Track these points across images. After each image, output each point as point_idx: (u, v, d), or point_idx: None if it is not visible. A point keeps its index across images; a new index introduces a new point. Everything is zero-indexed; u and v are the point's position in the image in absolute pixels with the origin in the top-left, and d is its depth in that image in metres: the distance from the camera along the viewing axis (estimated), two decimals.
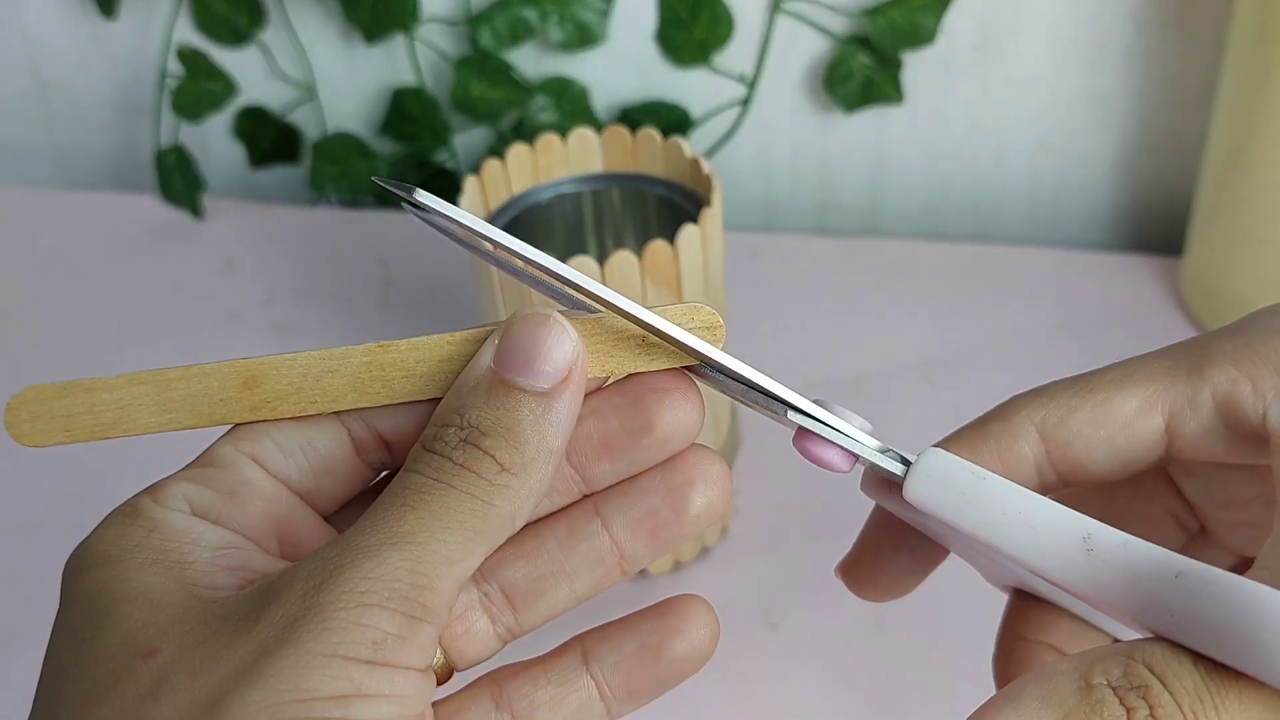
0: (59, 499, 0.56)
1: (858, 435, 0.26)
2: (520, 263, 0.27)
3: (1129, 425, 0.26)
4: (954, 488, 0.25)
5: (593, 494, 0.27)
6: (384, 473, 0.28)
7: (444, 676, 0.27)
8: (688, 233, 0.42)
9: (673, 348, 0.26)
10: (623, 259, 0.41)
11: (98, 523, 0.26)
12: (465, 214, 0.26)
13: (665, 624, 0.27)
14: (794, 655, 0.47)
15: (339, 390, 0.26)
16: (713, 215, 0.44)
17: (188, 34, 0.73)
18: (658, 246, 0.42)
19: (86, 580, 0.24)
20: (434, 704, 0.26)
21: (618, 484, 0.27)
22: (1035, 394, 0.28)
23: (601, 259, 0.42)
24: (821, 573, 0.50)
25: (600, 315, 0.26)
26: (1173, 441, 0.26)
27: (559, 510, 0.27)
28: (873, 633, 0.48)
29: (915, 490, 0.25)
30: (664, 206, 0.49)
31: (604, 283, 0.41)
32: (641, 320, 0.25)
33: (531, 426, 0.24)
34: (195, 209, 0.73)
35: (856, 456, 0.26)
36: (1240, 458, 0.26)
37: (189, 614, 0.23)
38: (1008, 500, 0.25)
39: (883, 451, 0.26)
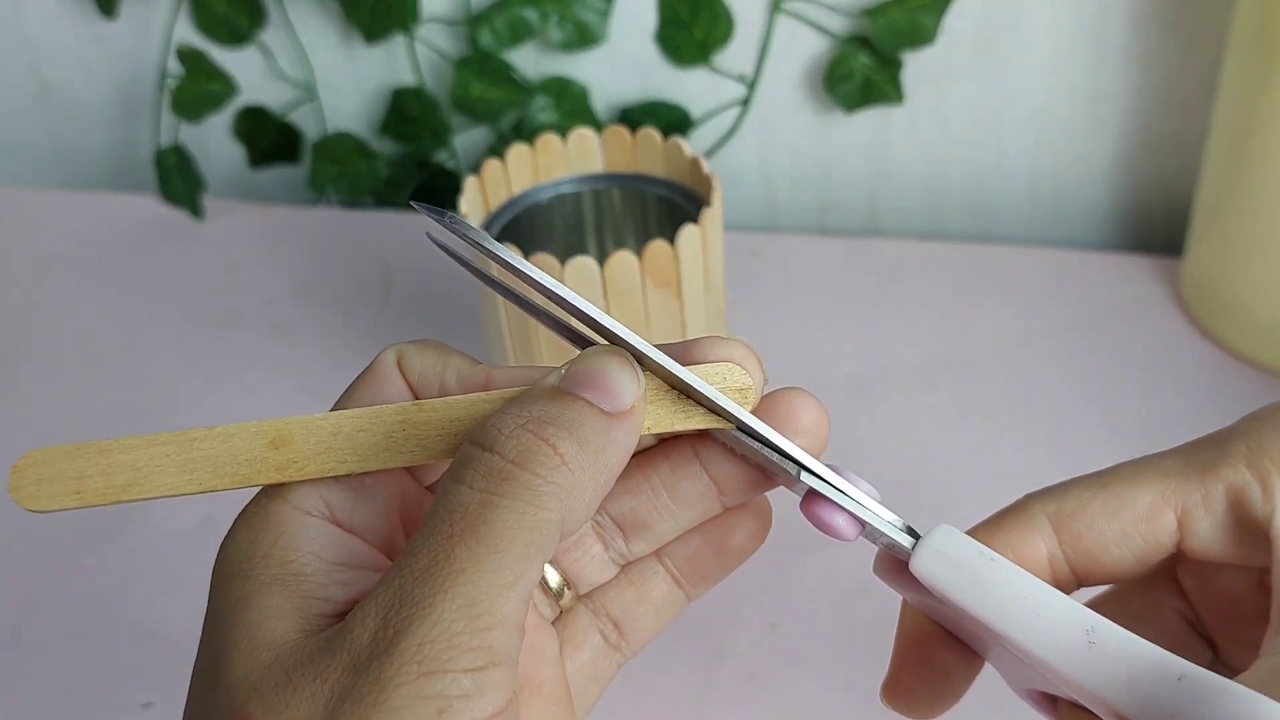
0: None
1: (867, 502, 0.26)
2: (560, 310, 0.26)
3: (1142, 519, 0.27)
4: (961, 565, 0.25)
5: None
6: None
7: (566, 599, 0.29)
8: (688, 233, 0.42)
9: (706, 407, 0.26)
10: (623, 259, 0.41)
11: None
12: (505, 249, 0.26)
13: (723, 520, 0.29)
14: (794, 656, 0.47)
15: (371, 449, 0.25)
16: (713, 215, 0.44)
17: (188, 34, 0.73)
18: (658, 247, 0.42)
19: (220, 594, 0.25)
20: (555, 621, 0.28)
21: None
22: (1050, 489, 0.28)
23: (601, 259, 0.42)
24: (822, 574, 0.50)
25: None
26: (1185, 538, 0.27)
27: (659, 447, 0.28)
28: (873, 634, 0.48)
29: (922, 564, 0.25)
30: (664, 206, 0.49)
31: (605, 287, 0.42)
32: (678, 378, 0.25)
33: (594, 431, 0.24)
34: (195, 209, 0.74)
35: (864, 524, 0.26)
36: (1246, 559, 0.26)
37: (280, 662, 0.23)
38: (1014, 584, 0.25)
39: (892, 524, 0.26)
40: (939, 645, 0.29)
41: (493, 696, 0.22)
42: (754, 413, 0.27)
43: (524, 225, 0.48)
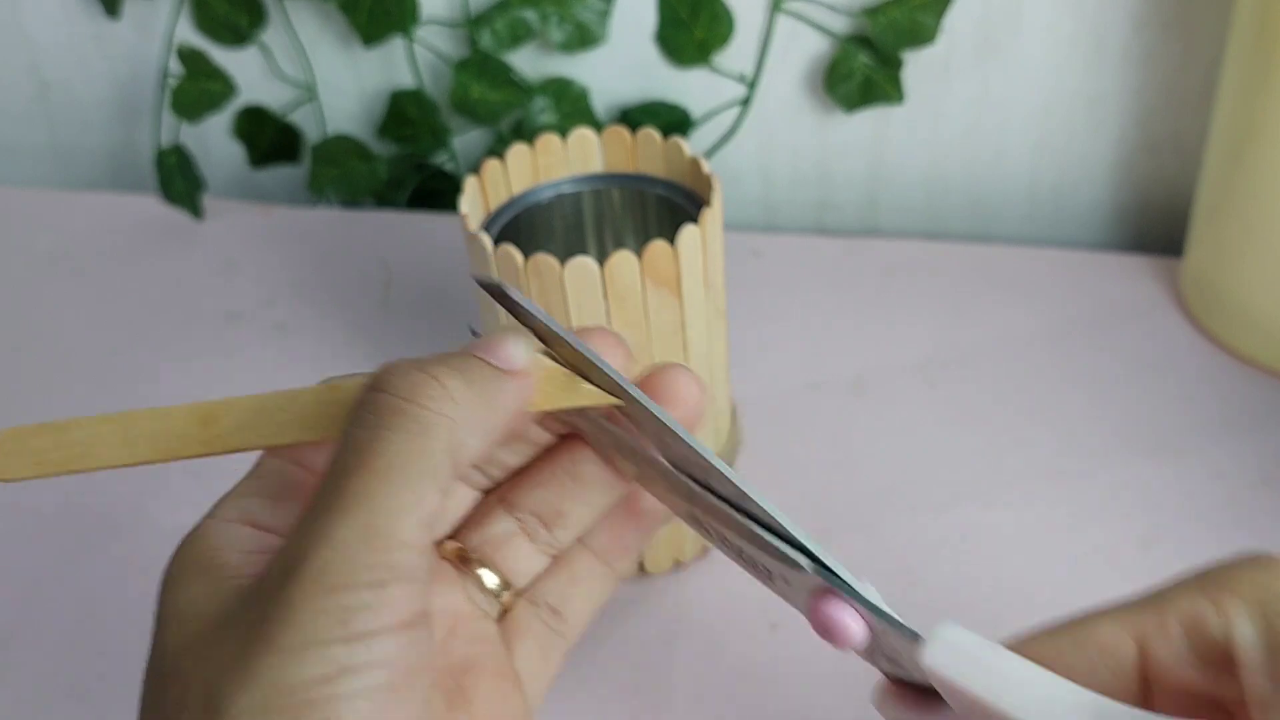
0: (59, 498, 0.56)
1: (877, 598, 0.27)
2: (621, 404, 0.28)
3: (1105, 650, 0.27)
4: (971, 656, 0.26)
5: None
6: None
7: (506, 598, 0.30)
8: (688, 233, 0.42)
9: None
10: (623, 259, 0.41)
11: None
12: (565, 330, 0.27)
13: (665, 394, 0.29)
14: (794, 655, 0.47)
15: (287, 425, 0.28)
16: (713, 215, 0.44)
17: (188, 34, 0.73)
18: (658, 246, 0.42)
19: (159, 602, 0.26)
20: (500, 619, 0.30)
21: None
22: (1031, 630, 0.29)
23: (601, 259, 0.42)
24: None
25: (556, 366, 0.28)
26: (1149, 667, 0.27)
27: (560, 442, 0.30)
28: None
29: (934, 656, 0.26)
30: (664, 206, 0.49)
31: (605, 287, 0.42)
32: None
33: (481, 375, 0.26)
34: (195, 209, 0.74)
35: (871, 629, 0.27)
36: (1213, 685, 0.27)
37: (205, 624, 0.25)
38: (1022, 671, 0.25)
39: (900, 621, 0.27)
40: None
41: (395, 608, 0.23)
42: (640, 388, 0.28)
43: (524, 225, 0.48)
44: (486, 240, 0.43)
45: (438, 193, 0.74)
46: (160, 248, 0.73)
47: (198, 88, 0.71)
